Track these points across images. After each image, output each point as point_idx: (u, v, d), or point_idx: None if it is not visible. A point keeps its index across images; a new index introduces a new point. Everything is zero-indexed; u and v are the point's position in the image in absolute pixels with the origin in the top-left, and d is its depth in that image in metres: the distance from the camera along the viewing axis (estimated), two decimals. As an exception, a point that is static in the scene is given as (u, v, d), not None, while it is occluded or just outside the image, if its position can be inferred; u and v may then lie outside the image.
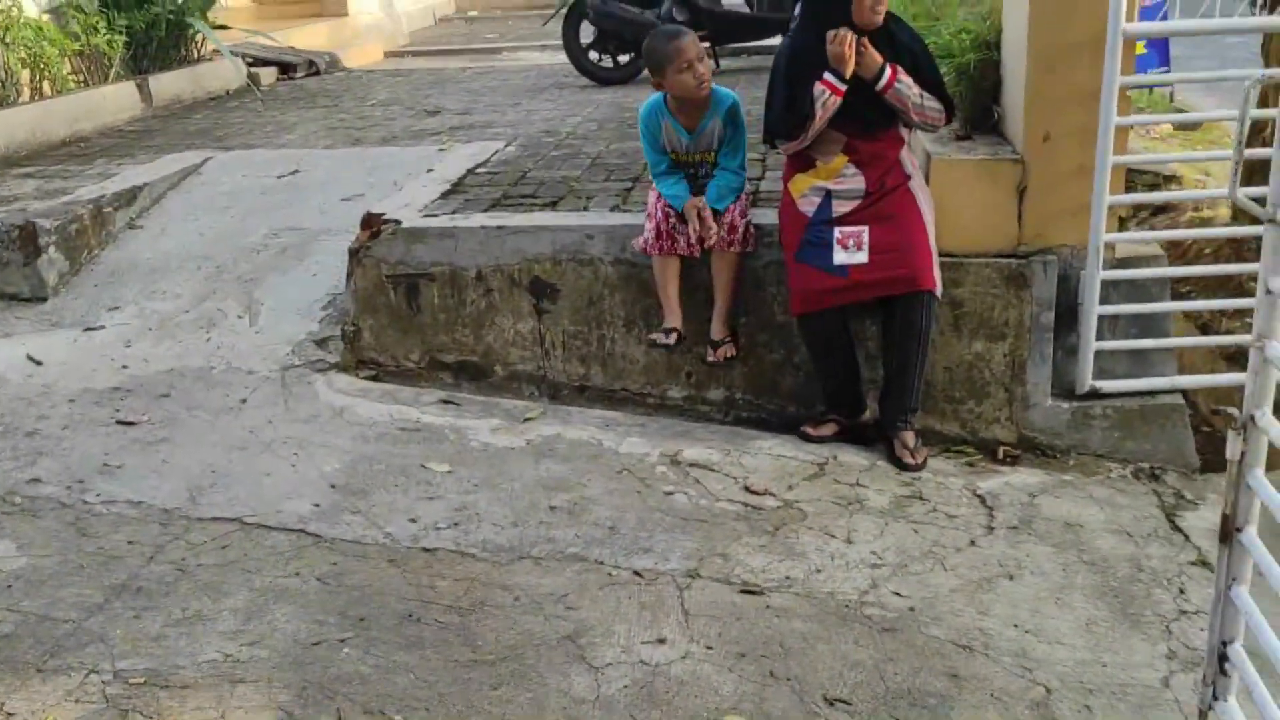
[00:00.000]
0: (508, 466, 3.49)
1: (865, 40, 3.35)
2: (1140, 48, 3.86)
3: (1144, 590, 2.86)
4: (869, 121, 3.44)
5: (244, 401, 3.90)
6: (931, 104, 3.42)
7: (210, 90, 8.31)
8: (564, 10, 7.90)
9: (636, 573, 2.90)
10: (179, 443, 3.61)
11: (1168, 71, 5.90)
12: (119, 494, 3.30)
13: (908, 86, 3.38)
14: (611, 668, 2.52)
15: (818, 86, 3.37)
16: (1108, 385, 3.62)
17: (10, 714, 2.38)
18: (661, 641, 2.61)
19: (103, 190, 5.30)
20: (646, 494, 3.33)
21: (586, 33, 7.91)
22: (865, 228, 3.46)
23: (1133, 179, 4.74)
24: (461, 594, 2.81)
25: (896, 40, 3.42)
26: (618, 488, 3.36)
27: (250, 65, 8.88)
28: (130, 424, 3.73)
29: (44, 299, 4.73)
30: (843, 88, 3.36)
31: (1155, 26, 3.83)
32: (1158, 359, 3.69)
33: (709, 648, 2.59)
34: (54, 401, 3.90)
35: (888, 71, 3.36)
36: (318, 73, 9.62)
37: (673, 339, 3.79)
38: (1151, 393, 3.64)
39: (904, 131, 3.58)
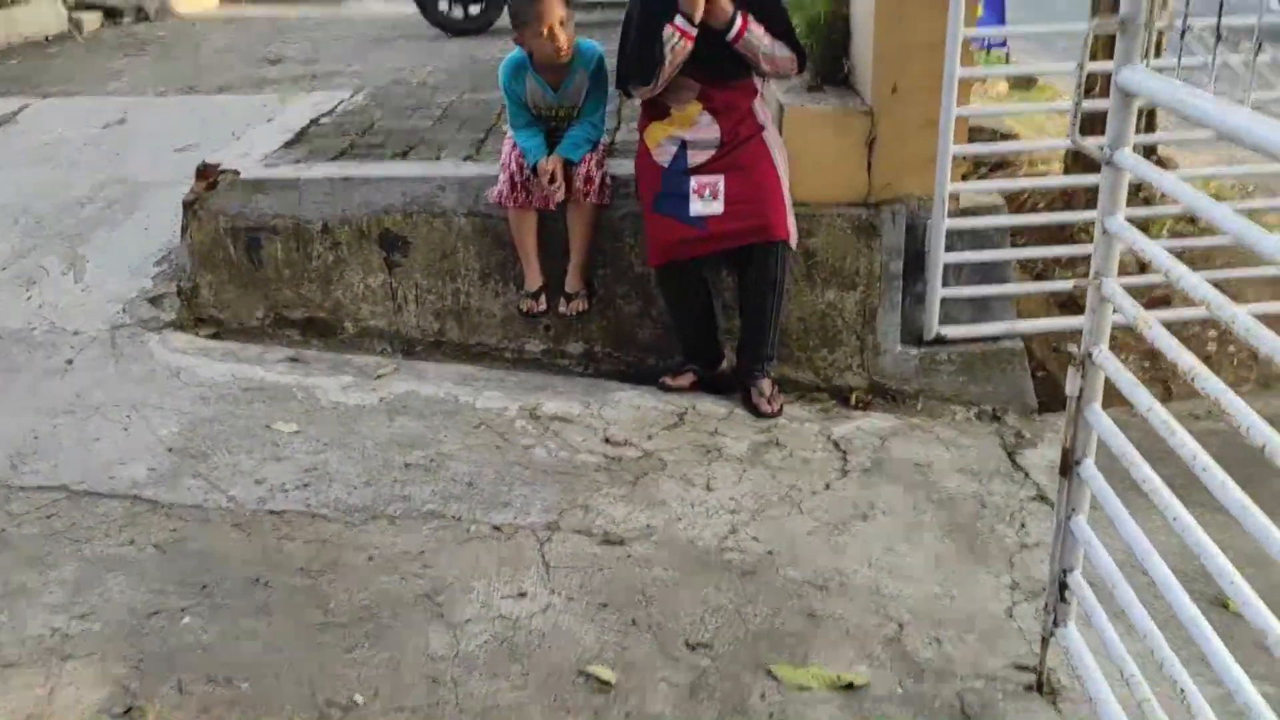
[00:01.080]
0: (360, 425, 3.37)
1: None
2: (978, 10, 3.97)
3: (988, 526, 2.97)
4: (722, 69, 3.42)
5: (69, 363, 3.65)
6: (782, 52, 3.42)
7: (27, 35, 7.74)
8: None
9: (495, 527, 2.85)
10: (-3, 408, 3.36)
11: (1004, 45, 6.11)
12: (-71, 464, 3.05)
13: (757, 37, 3.37)
14: (471, 624, 2.46)
15: (667, 29, 3.33)
16: (952, 331, 3.73)
17: None
18: (522, 595, 2.57)
19: (-98, 139, 4.88)
20: (505, 448, 3.27)
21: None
22: (721, 177, 3.45)
23: (974, 137, 4.89)
24: (312, 556, 2.70)
25: None
26: (475, 443, 3.29)
27: (71, 10, 8.29)
28: (-60, 390, 3.45)
29: None
30: (693, 32, 3.32)
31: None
32: (998, 306, 3.83)
33: (570, 599, 2.57)
34: None
35: (739, 20, 3.34)
36: (147, 18, 9.06)
37: (542, 304, 3.75)
38: (993, 338, 3.77)
39: (757, 82, 3.58)
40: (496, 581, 2.62)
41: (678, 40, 3.33)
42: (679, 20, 3.32)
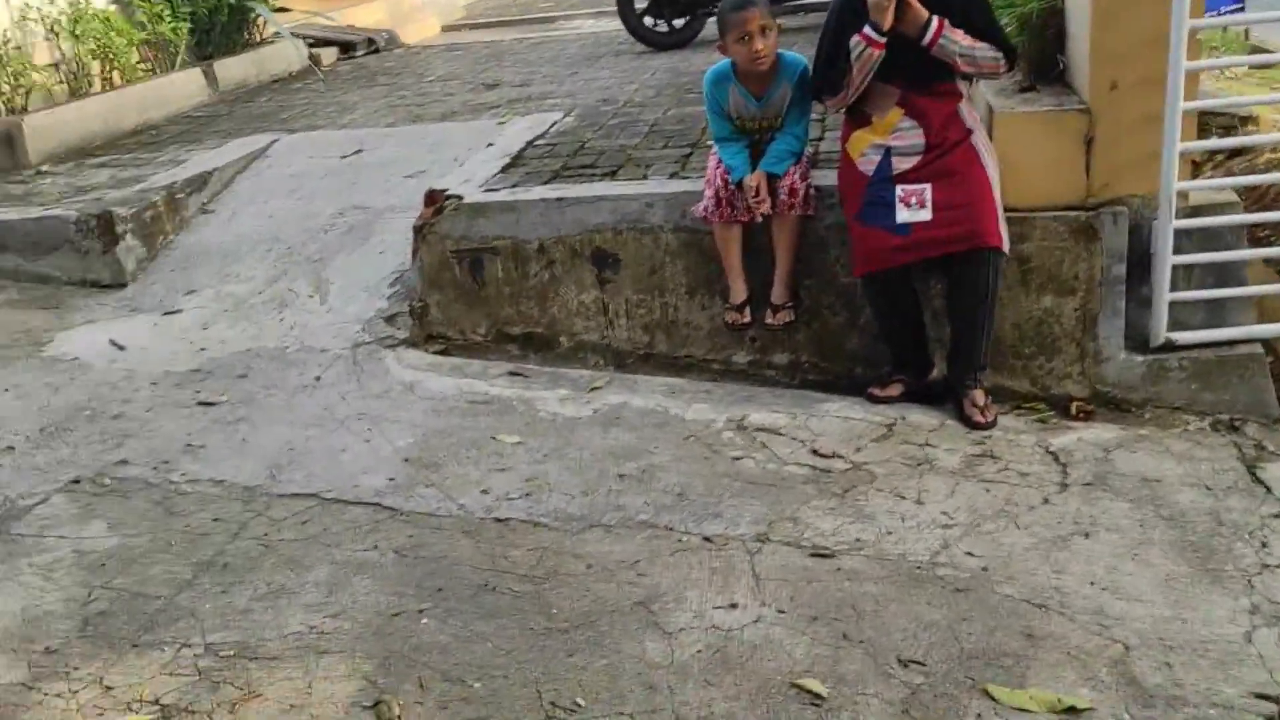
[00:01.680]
0: (576, 436, 3.53)
1: None
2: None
3: (1224, 544, 2.81)
4: (922, 74, 3.37)
5: (318, 379, 3.99)
6: (986, 53, 3.33)
7: (274, 73, 8.44)
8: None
9: (706, 538, 2.93)
10: (257, 422, 3.71)
11: (1241, 11, 5.68)
12: (203, 473, 3.41)
13: (954, 40, 3.29)
14: (684, 633, 2.55)
15: (854, 39, 3.31)
16: (1183, 337, 3.54)
17: (109, 688, 2.48)
18: (734, 606, 2.64)
19: (174, 177, 5.44)
20: (714, 460, 3.34)
21: (640, -1, 7.88)
22: (928, 185, 3.41)
23: (1206, 122, 4.59)
24: (535, 563, 2.86)
25: None
26: (685, 454, 3.38)
27: (311, 46, 9.00)
28: (210, 404, 3.85)
29: (123, 285, 4.89)
30: (881, 41, 3.29)
31: (1227, -36, 3.71)
32: (1235, 308, 3.60)
33: (781, 611, 2.61)
34: (137, 385, 4.03)
35: (933, 25, 3.29)
36: (377, 50, 9.71)
37: (746, 316, 3.81)
38: (1229, 343, 3.55)
39: (962, 84, 3.51)
40: (709, 592, 2.70)
41: (865, 49, 3.32)
42: (867, 29, 3.30)
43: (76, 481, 3.39)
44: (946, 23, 3.29)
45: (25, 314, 4.69)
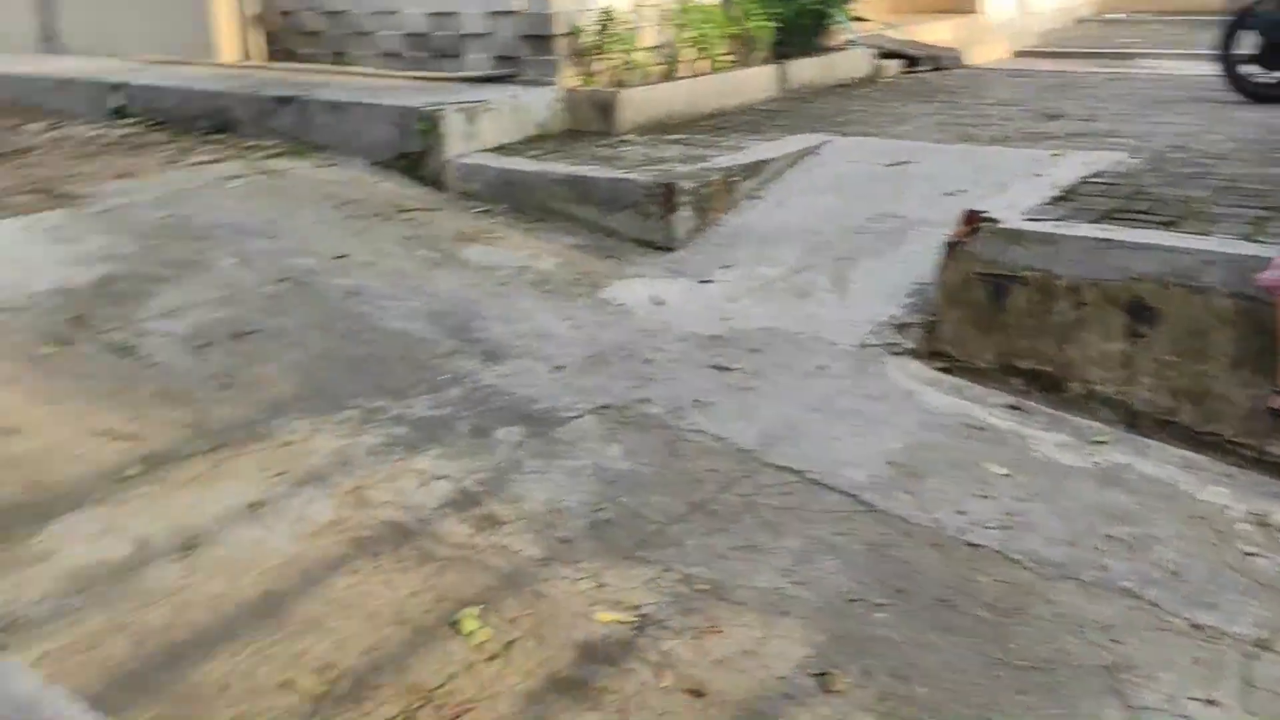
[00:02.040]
0: (1067, 484, 3.40)
1: None
2: None
3: None
4: None
5: (823, 368, 4.20)
6: None
7: (839, 78, 8.84)
8: (1225, 18, 7.22)
9: (1195, 625, 2.70)
10: (762, 393, 4.00)
11: None
12: (707, 427, 3.75)
13: None
14: (1150, 712, 2.39)
15: None
16: None
17: (602, 584, 2.86)
18: (1212, 703, 2.42)
19: (733, 161, 5.94)
20: (1221, 548, 3.06)
21: (1245, 44, 7.16)
22: None
23: None
24: (1001, 595, 2.82)
25: None
26: (1188, 534, 3.13)
27: (878, 57, 9.28)
28: (725, 369, 4.21)
29: (671, 249, 5.45)
30: None
31: None
32: None
33: (1268, 727, 2.36)
34: (668, 338, 4.51)
35: None
36: (941, 68, 9.78)
37: None
38: None
39: None
40: (1187, 680, 2.50)
41: None
42: None
43: (606, 407, 3.89)
44: None
45: (591, 259, 5.41)
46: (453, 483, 3.37)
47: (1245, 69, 7.23)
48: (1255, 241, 3.90)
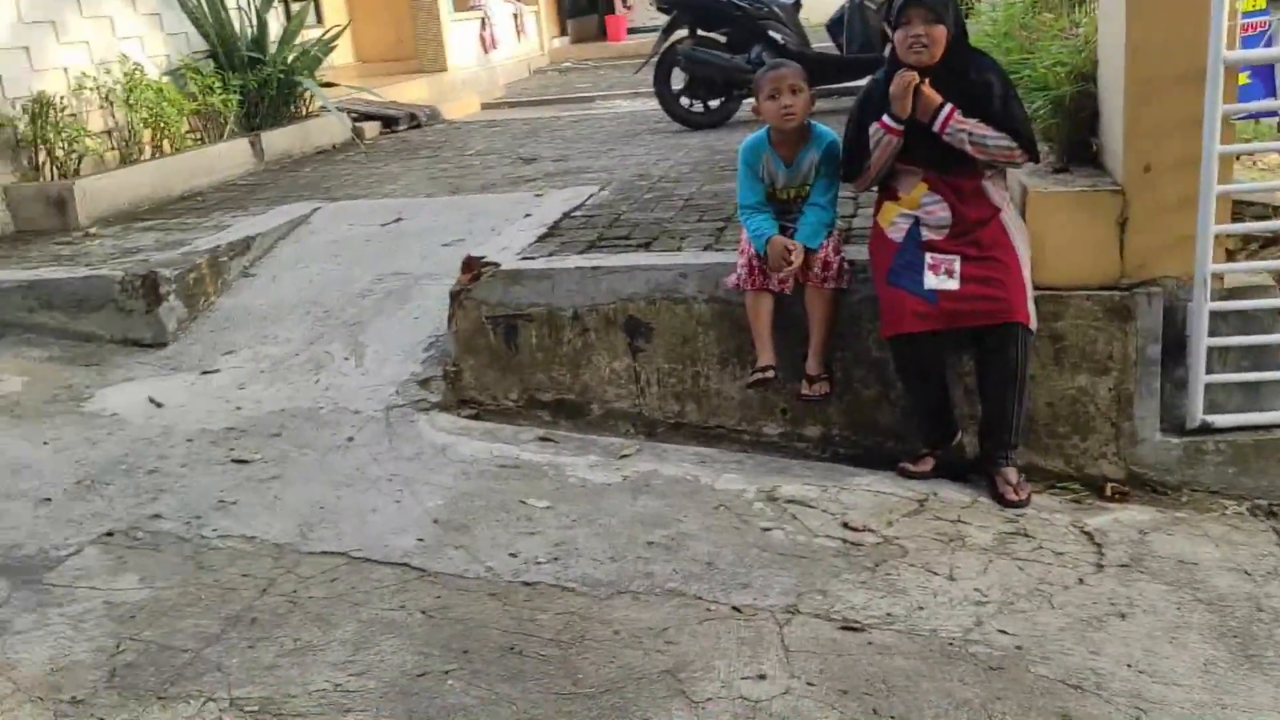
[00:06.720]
0: (605, 502, 3.53)
1: (926, 81, 3.39)
2: (1244, 78, 3.76)
3: (1266, 631, 2.76)
4: (941, 157, 3.46)
5: (350, 440, 4.02)
6: (998, 142, 3.38)
7: (318, 145, 8.65)
8: (655, 59, 8.05)
9: (735, 608, 2.90)
10: (290, 480, 3.74)
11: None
12: (234, 529, 3.43)
13: (964, 128, 3.37)
14: (712, 703, 2.51)
15: (874, 127, 3.50)
16: (1220, 420, 3.52)
17: (134, 738, 2.48)
18: (762, 678, 2.60)
19: (218, 241, 5.56)
20: (744, 530, 3.33)
21: (677, 79, 8.05)
22: (956, 256, 3.45)
23: (1241, 210, 4.61)
24: (562, 628, 2.84)
25: (967, 79, 3.42)
26: (715, 524, 3.37)
27: (355, 120, 9.22)
28: (244, 462, 3.88)
29: (164, 344, 4.96)
30: (899, 128, 3.44)
31: (1257, 54, 3.75)
32: (1272, 391, 3.57)
33: (810, 684, 2.58)
34: (173, 441, 4.08)
35: (944, 112, 3.38)
36: (419, 125, 9.94)
37: (770, 374, 3.80)
38: (1268, 426, 3.52)
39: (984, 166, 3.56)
40: (737, 662, 2.67)
41: (884, 136, 3.48)
42: (885, 117, 3.46)
43: (110, 534, 3.41)
44: (958, 111, 3.39)
45: (68, 370, 4.77)
46: (-82, 670, 2.75)
47: (684, 100, 8.12)
48: (717, 250, 4.34)
